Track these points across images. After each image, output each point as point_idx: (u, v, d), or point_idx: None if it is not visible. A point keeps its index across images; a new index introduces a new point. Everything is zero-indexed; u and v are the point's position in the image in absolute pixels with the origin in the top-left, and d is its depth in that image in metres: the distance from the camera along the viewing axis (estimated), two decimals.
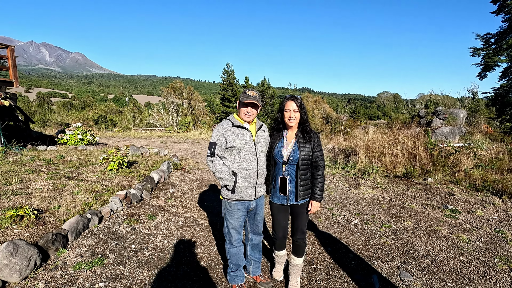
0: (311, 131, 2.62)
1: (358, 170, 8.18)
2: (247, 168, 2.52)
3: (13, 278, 2.47)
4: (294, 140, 2.60)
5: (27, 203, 4.09)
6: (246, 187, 2.53)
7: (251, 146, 2.54)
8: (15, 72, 9.17)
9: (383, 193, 6.21)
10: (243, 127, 2.53)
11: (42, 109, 43.95)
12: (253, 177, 2.55)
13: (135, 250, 3.26)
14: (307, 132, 2.60)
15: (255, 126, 2.63)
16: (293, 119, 2.55)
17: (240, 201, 2.57)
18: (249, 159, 2.52)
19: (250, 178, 2.54)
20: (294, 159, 2.54)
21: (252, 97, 2.45)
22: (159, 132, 27.79)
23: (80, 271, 2.73)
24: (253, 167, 2.54)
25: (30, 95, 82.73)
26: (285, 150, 2.59)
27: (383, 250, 3.63)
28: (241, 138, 2.49)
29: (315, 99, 49.29)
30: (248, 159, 2.52)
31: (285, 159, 2.57)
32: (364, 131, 16.48)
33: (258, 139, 2.60)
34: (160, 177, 6.19)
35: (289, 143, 2.61)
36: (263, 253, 3.44)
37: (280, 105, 2.65)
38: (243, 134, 2.51)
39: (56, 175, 5.73)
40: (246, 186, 2.53)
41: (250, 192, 2.56)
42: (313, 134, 2.62)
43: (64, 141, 10.44)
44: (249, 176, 2.53)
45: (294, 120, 2.55)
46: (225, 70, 45.51)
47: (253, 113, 2.51)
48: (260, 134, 2.63)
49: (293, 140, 2.61)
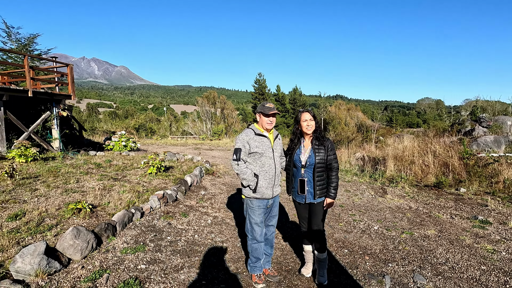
0: (323, 137, 3.00)
1: (386, 178, 8.10)
2: (267, 171, 2.92)
3: (76, 256, 3.06)
4: (310, 146, 2.98)
5: (83, 199, 4.81)
6: (266, 187, 2.92)
7: (270, 152, 2.96)
8: (73, 87, 10.49)
9: (410, 202, 6.16)
10: (263, 135, 2.96)
11: (91, 118, 48.40)
12: (271, 178, 2.95)
13: (170, 241, 3.76)
14: (321, 138, 2.97)
15: (272, 134, 3.05)
16: (310, 127, 2.96)
17: (260, 199, 2.95)
18: (269, 163, 2.94)
19: (269, 179, 2.94)
20: (311, 163, 2.92)
21: (272, 108, 2.90)
22: (194, 139, 29.17)
23: (126, 254, 3.27)
24: (272, 170, 2.95)
25: (81, 105, 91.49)
26: (303, 156, 2.99)
27: (400, 255, 3.73)
28: (262, 145, 2.92)
29: (348, 107, 48.11)
30: (267, 163, 2.93)
31: (303, 163, 2.95)
32: (398, 139, 15.93)
33: (275, 146, 3.04)
34: (193, 181, 6.76)
35: (306, 149, 3.01)
36: (296, 254, 3.75)
37: (295, 117, 3.08)
38: (263, 142, 2.94)
39: (105, 176, 6.55)
40: (266, 186, 2.92)
41: (269, 192, 2.95)
42: (326, 140, 2.99)
43: (110, 147, 11.62)
44: (268, 178, 2.93)
45: (311, 128, 2.96)
46: (257, 79, 46.51)
47: (274, 121, 2.95)
48: (276, 142, 3.07)
49: (309, 147, 3.00)
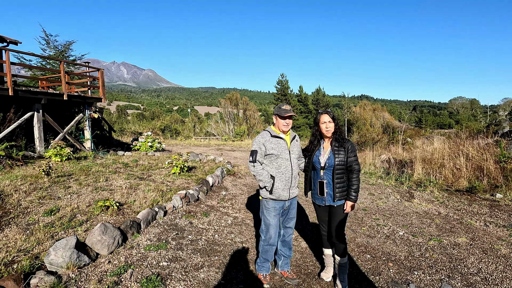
0: (344, 139, 2.93)
1: (414, 182, 7.74)
2: (283, 172, 2.91)
3: (103, 251, 3.22)
4: (330, 148, 2.92)
5: (111, 197, 5.06)
6: (282, 189, 2.91)
7: (287, 153, 2.94)
8: (104, 90, 11.10)
9: (439, 207, 5.84)
10: (280, 137, 2.95)
11: (120, 120, 50.82)
12: (288, 180, 2.93)
13: (191, 240, 3.84)
14: (341, 140, 2.90)
15: (289, 136, 3.02)
16: (329, 129, 2.90)
17: (276, 200, 2.94)
18: (285, 165, 2.92)
19: (285, 181, 2.92)
20: (330, 165, 2.86)
21: (289, 110, 2.89)
22: (216, 140, 29.65)
23: (149, 251, 3.39)
24: (288, 171, 2.93)
25: (111, 107, 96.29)
26: (323, 157, 2.94)
27: (427, 263, 3.55)
28: (278, 147, 2.91)
29: (374, 107, 46.58)
30: (284, 165, 2.91)
31: (323, 165, 2.91)
32: (428, 141, 15.17)
33: (292, 148, 3.00)
34: (214, 181, 6.87)
35: (326, 151, 2.95)
36: (316, 257, 3.72)
37: (314, 119, 3.04)
38: (280, 143, 2.92)
39: (132, 176, 6.84)
40: (282, 188, 2.91)
41: (285, 193, 2.93)
42: (346, 142, 2.92)
43: (137, 148, 12.10)
44: (284, 179, 2.91)
45: (330, 130, 2.90)
46: (279, 80, 46.39)
47: (290, 123, 2.93)
48: (293, 144, 3.03)
49: (329, 149, 2.94)
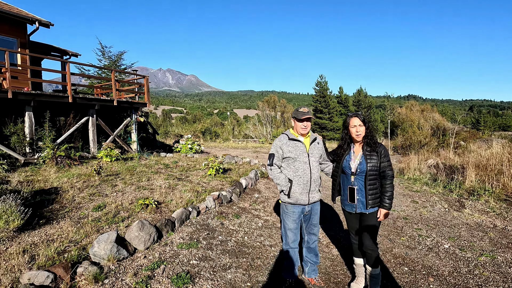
0: (376, 143, 2.77)
1: (465, 190, 7.01)
2: (300, 176, 2.84)
3: (140, 246, 3.45)
4: (361, 152, 2.79)
5: (151, 196, 5.41)
6: (300, 193, 2.84)
7: (305, 156, 2.86)
8: (148, 95, 11.95)
9: (495, 219, 5.22)
10: (297, 140, 2.89)
11: (165, 123, 54.10)
12: (306, 184, 2.85)
13: (221, 241, 3.94)
14: (372, 144, 2.75)
15: (309, 138, 2.94)
16: (360, 133, 2.77)
17: (295, 204, 2.88)
18: (303, 168, 2.84)
19: (303, 184, 2.84)
20: (362, 170, 2.73)
21: (305, 113, 2.83)
22: (254, 143, 29.99)
23: (181, 249, 3.55)
24: (306, 175, 2.84)
25: (158, 112, 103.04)
26: (353, 162, 2.81)
27: (476, 281, 3.19)
28: (295, 150, 2.85)
29: (422, 108, 43.17)
30: (301, 168, 2.84)
31: (353, 171, 2.78)
32: (485, 144, 13.67)
33: (312, 150, 2.91)
34: (247, 183, 6.96)
35: (357, 156, 2.83)
36: (347, 266, 3.61)
37: (344, 122, 2.92)
38: (297, 146, 2.87)
39: (171, 176, 7.23)
40: (300, 192, 2.84)
41: (304, 197, 2.86)
42: (379, 146, 2.76)
43: (178, 150, 12.77)
44: (302, 183, 2.84)
45: (360, 134, 2.77)
46: (318, 81, 45.45)
47: (308, 126, 2.86)
48: (313, 146, 2.93)
49: (360, 153, 2.81)
